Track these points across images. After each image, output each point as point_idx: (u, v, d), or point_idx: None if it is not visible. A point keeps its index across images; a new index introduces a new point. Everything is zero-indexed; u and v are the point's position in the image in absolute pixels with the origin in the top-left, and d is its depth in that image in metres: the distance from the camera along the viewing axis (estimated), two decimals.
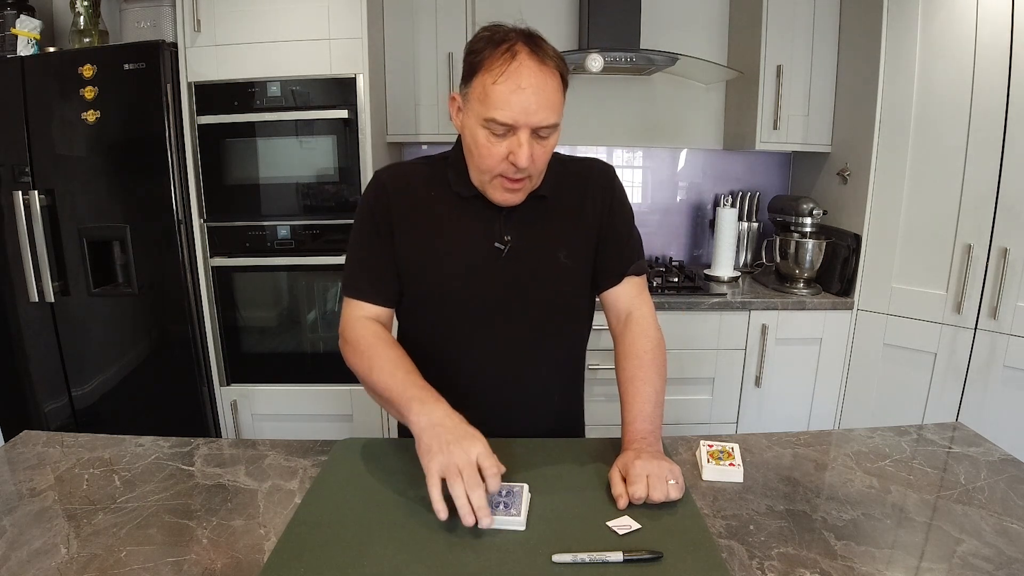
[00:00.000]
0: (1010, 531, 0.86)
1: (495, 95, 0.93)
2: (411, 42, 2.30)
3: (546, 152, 1.00)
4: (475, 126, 0.98)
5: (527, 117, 0.93)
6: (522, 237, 1.07)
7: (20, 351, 2.19)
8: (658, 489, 0.87)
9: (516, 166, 0.96)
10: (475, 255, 1.06)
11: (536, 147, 0.97)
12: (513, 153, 0.95)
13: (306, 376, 2.25)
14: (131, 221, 2.06)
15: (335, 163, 2.11)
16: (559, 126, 0.99)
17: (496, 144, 0.96)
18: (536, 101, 0.93)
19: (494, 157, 0.97)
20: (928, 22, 1.95)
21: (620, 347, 1.10)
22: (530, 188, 1.04)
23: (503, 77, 0.93)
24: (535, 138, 0.96)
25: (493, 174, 0.99)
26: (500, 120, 0.94)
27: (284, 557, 0.78)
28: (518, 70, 0.92)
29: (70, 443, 1.11)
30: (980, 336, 1.95)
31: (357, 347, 1.03)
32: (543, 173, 1.04)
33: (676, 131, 2.70)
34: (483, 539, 0.81)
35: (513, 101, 0.92)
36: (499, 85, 0.93)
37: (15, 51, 2.07)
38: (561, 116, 0.99)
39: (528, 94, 0.92)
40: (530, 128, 0.95)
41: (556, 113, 0.96)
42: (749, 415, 2.32)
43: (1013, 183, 1.83)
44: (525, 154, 0.95)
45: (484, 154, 0.98)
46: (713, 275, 2.50)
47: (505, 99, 0.93)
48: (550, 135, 0.98)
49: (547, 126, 0.96)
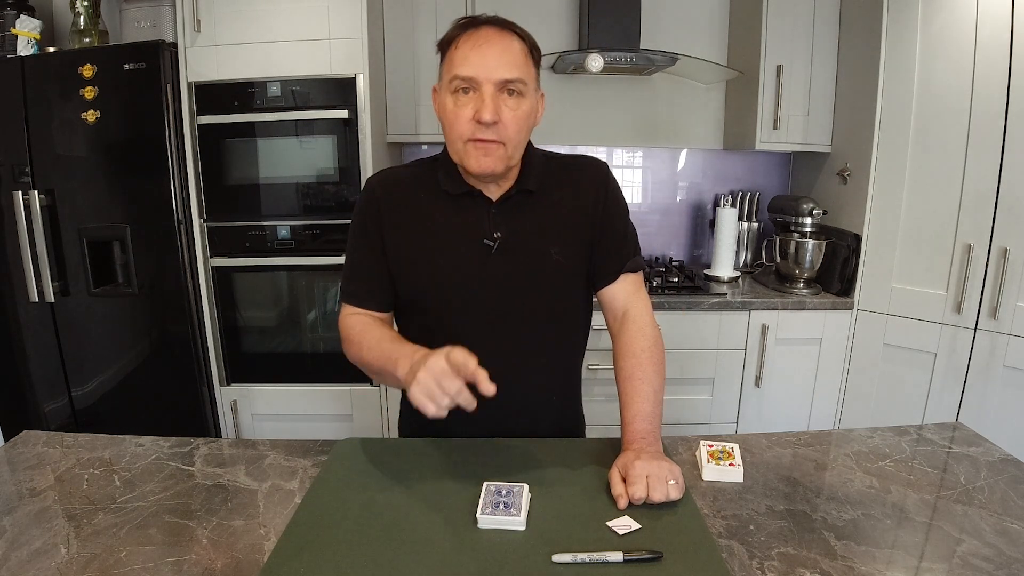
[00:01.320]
0: (1010, 531, 0.86)
1: (457, 57, 0.99)
2: (411, 42, 2.30)
3: (517, 118, 1.00)
4: (445, 96, 1.01)
5: (488, 72, 0.97)
6: (512, 233, 1.07)
7: (20, 351, 2.19)
8: (658, 490, 0.88)
9: (481, 121, 0.97)
10: (465, 252, 1.07)
11: (504, 109, 0.99)
12: (478, 111, 0.97)
13: (306, 376, 2.25)
14: (131, 221, 2.06)
15: (335, 163, 2.11)
16: (530, 94, 1.01)
17: (463, 107, 0.99)
18: (495, 56, 0.97)
19: (461, 119, 0.99)
20: (928, 22, 1.95)
21: (618, 346, 1.10)
22: (505, 157, 1.02)
23: (463, 39, 0.99)
24: (503, 97, 0.98)
25: (464, 139, 1.00)
26: (462, 75, 0.97)
27: (284, 557, 0.78)
28: (478, 32, 0.99)
29: (70, 443, 1.12)
30: (980, 336, 1.95)
31: (350, 337, 1.08)
32: (519, 144, 1.04)
33: (676, 131, 2.70)
34: (483, 539, 0.81)
35: (472, 56, 0.97)
36: (460, 47, 0.99)
37: (15, 51, 2.07)
38: (531, 78, 1.01)
39: (486, 49, 0.97)
40: (492, 83, 0.97)
41: (519, 70, 0.99)
42: (749, 415, 2.32)
43: (1013, 183, 1.83)
44: (489, 108, 0.97)
45: (452, 119, 1.00)
46: (713, 275, 2.50)
47: (464, 56, 0.98)
48: (519, 101, 1.00)
49: (510, 80, 0.98)
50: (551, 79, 2.59)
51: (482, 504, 0.86)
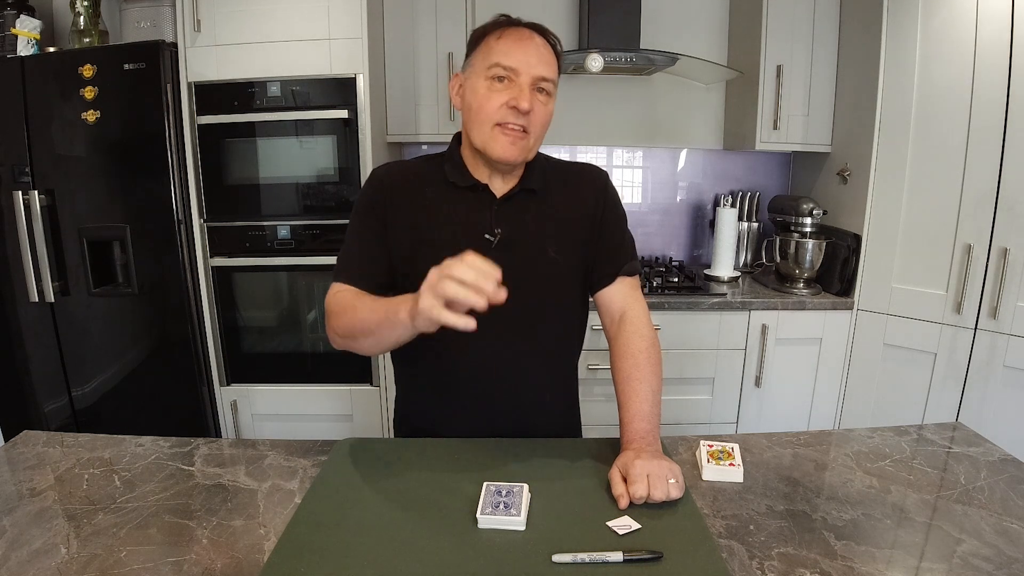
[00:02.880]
0: (1010, 531, 0.86)
1: (499, 46, 1.02)
2: (411, 42, 2.30)
3: (544, 114, 1.05)
4: (477, 81, 1.04)
5: (529, 67, 1.01)
6: (512, 230, 1.08)
7: (20, 351, 2.19)
8: (659, 488, 0.88)
9: (519, 109, 1.00)
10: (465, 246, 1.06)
11: (536, 103, 1.02)
12: (515, 98, 1.00)
13: (306, 376, 2.25)
14: (131, 221, 2.06)
15: (335, 163, 2.11)
16: (554, 95, 1.07)
17: (497, 92, 1.02)
18: (537, 54, 1.02)
19: (494, 103, 1.02)
20: (928, 22, 1.95)
21: (615, 347, 1.11)
22: (528, 148, 1.05)
23: (507, 33, 1.03)
24: (535, 93, 1.02)
25: (493, 122, 1.03)
26: (504, 64, 1.01)
27: (284, 557, 0.78)
28: (519, 29, 1.04)
29: (70, 443, 1.12)
30: (980, 336, 1.95)
31: (340, 307, 1.03)
32: (539, 140, 1.08)
33: (676, 131, 2.70)
34: (483, 539, 0.81)
35: (516, 49, 1.01)
36: (503, 39, 1.02)
37: (15, 51, 2.07)
38: (556, 82, 1.06)
39: (529, 45, 1.02)
40: (530, 76, 1.01)
41: (553, 71, 1.04)
42: (749, 415, 2.32)
43: (1013, 183, 1.83)
44: (527, 97, 1.00)
45: (484, 103, 1.02)
46: (713, 275, 2.50)
47: (508, 47, 1.02)
48: (547, 99, 1.05)
49: (546, 79, 1.03)
50: None
51: (482, 504, 0.86)
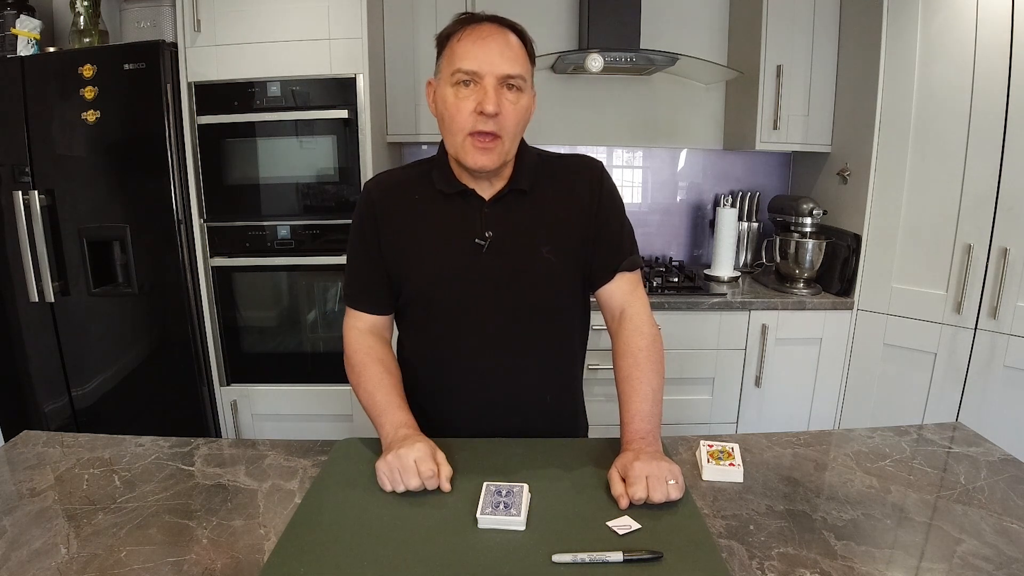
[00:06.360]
0: (1010, 531, 0.86)
1: (460, 50, 0.99)
2: (411, 42, 2.30)
3: (516, 112, 1.01)
4: (445, 89, 1.02)
5: (491, 66, 0.98)
6: (504, 232, 1.07)
7: (20, 351, 2.19)
8: (658, 490, 0.87)
9: (484, 113, 0.98)
10: (456, 252, 1.07)
11: (505, 103, 0.99)
12: (480, 103, 0.98)
13: (306, 376, 2.25)
14: (131, 221, 2.06)
15: (335, 163, 2.11)
16: (528, 89, 1.03)
17: (465, 99, 0.99)
18: (498, 50, 0.99)
19: (463, 112, 0.99)
20: (928, 22, 1.95)
21: (616, 345, 1.10)
22: (503, 152, 1.02)
23: (466, 33, 1.00)
24: (503, 91, 0.99)
25: (464, 132, 1.01)
26: (465, 68, 0.98)
27: (284, 557, 0.78)
28: (479, 27, 1.00)
29: (70, 443, 1.12)
30: (980, 336, 1.95)
31: (351, 362, 1.12)
32: (515, 138, 1.05)
33: (676, 131, 2.70)
34: (483, 539, 0.81)
35: (476, 50, 0.98)
36: (463, 40, 1.00)
37: (15, 51, 2.07)
38: (528, 75, 1.03)
39: (490, 43, 0.99)
40: (495, 77, 0.98)
41: (520, 66, 1.01)
42: (749, 415, 2.32)
43: (1013, 183, 1.83)
44: (492, 100, 0.98)
45: (453, 112, 1.00)
46: (713, 275, 2.50)
47: (467, 50, 0.99)
48: (518, 96, 1.01)
49: (512, 75, 0.99)
50: (551, 79, 2.59)
51: (482, 504, 0.86)
